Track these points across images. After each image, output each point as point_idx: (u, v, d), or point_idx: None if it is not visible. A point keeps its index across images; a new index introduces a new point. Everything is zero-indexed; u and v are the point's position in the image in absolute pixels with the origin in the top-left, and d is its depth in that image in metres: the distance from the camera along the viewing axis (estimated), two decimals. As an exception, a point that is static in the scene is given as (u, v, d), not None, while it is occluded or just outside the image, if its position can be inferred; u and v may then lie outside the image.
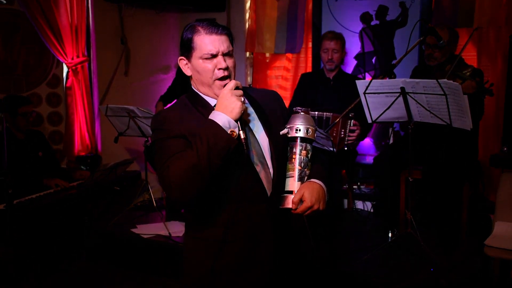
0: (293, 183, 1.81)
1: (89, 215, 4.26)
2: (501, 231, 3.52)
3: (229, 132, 1.70)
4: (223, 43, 1.80)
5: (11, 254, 3.52)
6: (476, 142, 4.08)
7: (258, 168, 1.82)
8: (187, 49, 1.84)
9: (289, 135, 1.84)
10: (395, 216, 3.86)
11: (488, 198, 4.29)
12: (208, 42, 1.79)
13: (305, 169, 1.83)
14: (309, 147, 1.84)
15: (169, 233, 3.94)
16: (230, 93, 1.74)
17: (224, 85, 1.79)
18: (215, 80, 1.82)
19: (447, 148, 3.69)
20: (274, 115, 1.93)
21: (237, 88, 1.77)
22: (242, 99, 1.76)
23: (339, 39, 4.25)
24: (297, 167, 1.82)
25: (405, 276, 3.20)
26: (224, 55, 1.81)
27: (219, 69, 1.81)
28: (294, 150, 1.83)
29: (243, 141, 1.73)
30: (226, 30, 1.83)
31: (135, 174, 5.01)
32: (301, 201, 1.79)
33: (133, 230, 4.10)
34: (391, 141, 4.83)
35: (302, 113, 1.86)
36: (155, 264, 3.86)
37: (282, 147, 1.86)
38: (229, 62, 1.83)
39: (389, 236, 3.67)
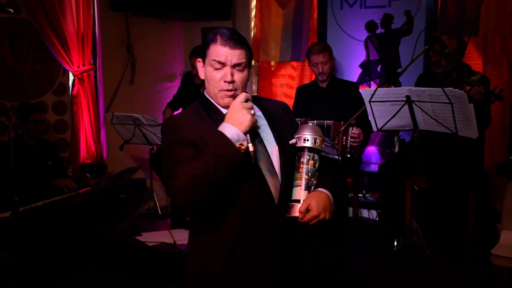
0: (300, 192, 1.83)
1: (95, 222, 4.26)
2: (507, 240, 3.51)
3: (237, 145, 1.69)
4: (235, 56, 1.80)
5: (15, 261, 3.53)
6: (482, 150, 4.06)
7: (268, 177, 1.83)
8: (203, 53, 1.87)
9: (297, 145, 1.86)
10: (401, 224, 3.85)
11: (494, 207, 4.26)
12: (220, 52, 1.80)
13: (312, 179, 1.84)
14: (316, 157, 1.86)
15: (174, 241, 3.93)
16: (240, 105, 1.74)
17: (230, 96, 1.82)
18: (220, 90, 1.83)
19: (452, 157, 3.67)
20: (284, 125, 1.95)
21: (247, 101, 1.77)
22: (252, 111, 1.75)
23: (326, 50, 4.22)
24: (304, 176, 1.83)
25: (410, 284, 3.18)
26: (234, 67, 1.81)
27: (225, 81, 1.81)
28: (301, 160, 1.85)
29: (251, 154, 1.73)
30: (242, 44, 1.82)
31: (140, 182, 5.02)
32: (308, 210, 1.80)
33: (138, 237, 4.10)
34: (396, 149, 4.83)
35: (311, 123, 1.89)
36: (160, 272, 3.85)
37: (290, 157, 1.88)
38: (238, 75, 1.82)
39: (394, 245, 3.64)
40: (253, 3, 5.47)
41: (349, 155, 3.82)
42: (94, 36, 5.08)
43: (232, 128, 1.71)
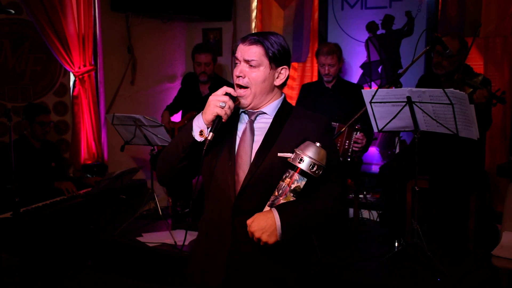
0: (265, 207, 1.80)
1: (95, 223, 4.26)
2: (508, 241, 3.50)
3: (199, 131, 1.84)
4: (247, 52, 1.87)
5: (17, 262, 3.53)
6: (482, 151, 4.06)
7: (238, 174, 1.88)
8: None
9: (288, 160, 1.78)
10: (402, 225, 3.84)
11: (495, 208, 4.26)
12: (238, 49, 1.91)
13: (280, 197, 1.77)
14: (296, 177, 1.75)
15: (175, 242, 3.94)
16: (212, 97, 1.83)
17: (241, 92, 1.90)
18: (235, 84, 1.92)
19: (453, 158, 3.67)
20: (289, 138, 1.88)
21: (229, 95, 1.83)
22: (219, 103, 1.80)
23: (335, 53, 4.23)
24: (275, 192, 1.78)
25: (410, 286, 3.18)
26: (246, 63, 1.88)
27: (236, 75, 1.90)
28: (282, 176, 1.78)
29: (207, 141, 1.81)
30: (258, 43, 1.87)
31: (141, 182, 5.01)
32: None
33: (139, 238, 4.10)
34: (397, 150, 4.82)
35: (317, 144, 1.76)
36: (160, 272, 3.85)
37: (271, 165, 1.84)
38: (250, 73, 1.88)
39: (395, 246, 3.64)
40: (254, 4, 5.47)
41: (349, 159, 3.83)
42: (95, 36, 5.08)
43: (199, 116, 1.86)
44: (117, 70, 5.30)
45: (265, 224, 1.74)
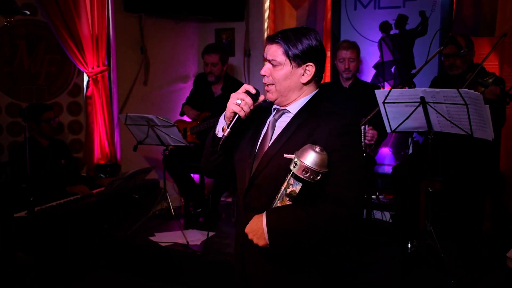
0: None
1: (108, 223, 4.29)
2: (523, 244, 3.46)
3: (222, 126, 1.91)
4: (268, 52, 1.88)
5: (31, 261, 3.57)
6: (497, 152, 4.02)
7: (253, 171, 1.89)
8: None
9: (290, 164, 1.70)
10: (415, 226, 3.81)
11: (509, 210, 4.21)
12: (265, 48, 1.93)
13: (278, 201, 1.73)
14: (291, 181, 1.69)
15: (187, 242, 3.94)
16: (232, 95, 1.87)
17: (267, 90, 1.92)
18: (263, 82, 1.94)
19: (467, 159, 3.64)
20: (301, 138, 1.81)
21: (248, 93, 1.86)
22: (238, 101, 1.84)
23: (355, 48, 4.24)
24: (276, 195, 1.74)
25: (425, 288, 3.16)
26: (269, 61, 1.88)
27: (261, 74, 1.92)
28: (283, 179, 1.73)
29: (223, 137, 1.86)
30: (279, 39, 1.85)
31: (153, 182, 5.04)
32: None
33: (151, 238, 4.12)
34: (410, 151, 4.79)
35: (317, 148, 1.67)
36: (172, 272, 3.86)
37: (278, 165, 1.80)
38: (272, 71, 1.88)
39: (408, 247, 3.62)
40: (267, 4, 5.47)
41: (364, 154, 3.80)
42: (109, 37, 5.11)
43: (224, 112, 1.91)
44: (130, 70, 5.33)
45: (255, 226, 1.76)
